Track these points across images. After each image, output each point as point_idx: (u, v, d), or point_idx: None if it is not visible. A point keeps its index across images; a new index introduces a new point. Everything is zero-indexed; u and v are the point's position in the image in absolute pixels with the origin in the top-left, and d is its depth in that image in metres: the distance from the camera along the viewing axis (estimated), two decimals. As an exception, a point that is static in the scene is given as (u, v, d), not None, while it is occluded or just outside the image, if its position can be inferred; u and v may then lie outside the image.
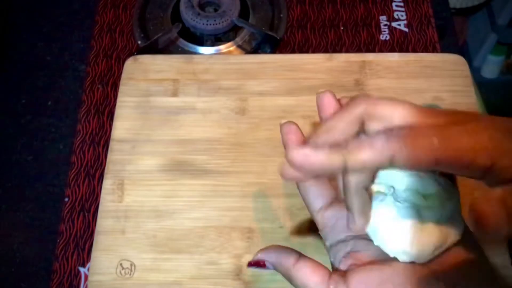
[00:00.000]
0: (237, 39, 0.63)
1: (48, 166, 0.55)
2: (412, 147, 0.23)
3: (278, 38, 0.62)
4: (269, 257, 0.32)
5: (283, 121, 0.32)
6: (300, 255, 0.30)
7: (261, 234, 0.47)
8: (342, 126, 0.26)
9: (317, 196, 0.32)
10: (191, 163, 0.51)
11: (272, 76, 0.55)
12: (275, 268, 0.31)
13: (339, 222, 0.31)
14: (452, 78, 0.54)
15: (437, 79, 0.54)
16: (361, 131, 0.27)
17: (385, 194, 0.29)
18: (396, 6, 0.65)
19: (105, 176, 0.50)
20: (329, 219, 0.32)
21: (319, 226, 0.32)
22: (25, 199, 0.53)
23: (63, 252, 0.50)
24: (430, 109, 0.26)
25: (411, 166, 0.24)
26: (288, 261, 0.30)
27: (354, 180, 0.27)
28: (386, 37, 0.62)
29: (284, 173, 0.26)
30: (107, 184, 0.50)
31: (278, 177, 0.49)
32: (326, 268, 0.30)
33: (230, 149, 0.51)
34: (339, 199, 0.32)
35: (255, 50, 0.62)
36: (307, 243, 0.47)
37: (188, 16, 0.62)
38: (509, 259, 0.45)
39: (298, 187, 0.34)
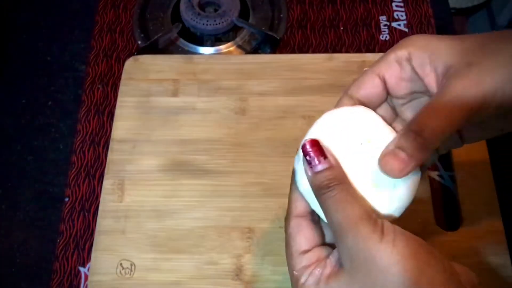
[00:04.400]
0: (237, 39, 0.63)
1: (48, 166, 0.55)
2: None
3: (278, 38, 0.62)
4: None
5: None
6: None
7: (261, 234, 0.47)
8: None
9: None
10: (191, 163, 0.51)
11: (272, 76, 0.55)
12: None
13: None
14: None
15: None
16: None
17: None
18: (396, 6, 0.65)
19: (105, 176, 0.50)
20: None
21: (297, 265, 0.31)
22: (25, 199, 0.53)
23: (63, 252, 0.50)
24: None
25: None
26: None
27: None
28: (386, 37, 0.62)
29: None
30: (107, 184, 0.50)
31: (278, 177, 0.50)
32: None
33: (230, 149, 0.51)
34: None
35: (255, 50, 0.62)
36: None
37: (188, 16, 0.62)
38: (509, 259, 0.45)
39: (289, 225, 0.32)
